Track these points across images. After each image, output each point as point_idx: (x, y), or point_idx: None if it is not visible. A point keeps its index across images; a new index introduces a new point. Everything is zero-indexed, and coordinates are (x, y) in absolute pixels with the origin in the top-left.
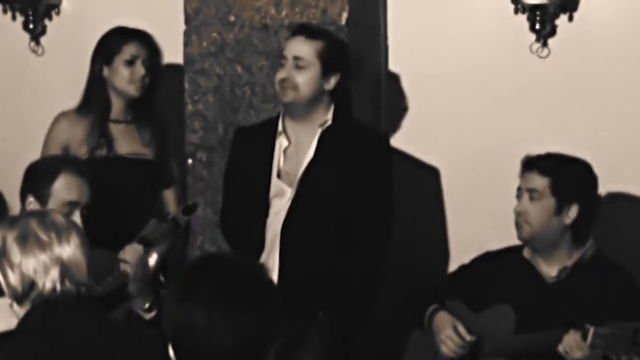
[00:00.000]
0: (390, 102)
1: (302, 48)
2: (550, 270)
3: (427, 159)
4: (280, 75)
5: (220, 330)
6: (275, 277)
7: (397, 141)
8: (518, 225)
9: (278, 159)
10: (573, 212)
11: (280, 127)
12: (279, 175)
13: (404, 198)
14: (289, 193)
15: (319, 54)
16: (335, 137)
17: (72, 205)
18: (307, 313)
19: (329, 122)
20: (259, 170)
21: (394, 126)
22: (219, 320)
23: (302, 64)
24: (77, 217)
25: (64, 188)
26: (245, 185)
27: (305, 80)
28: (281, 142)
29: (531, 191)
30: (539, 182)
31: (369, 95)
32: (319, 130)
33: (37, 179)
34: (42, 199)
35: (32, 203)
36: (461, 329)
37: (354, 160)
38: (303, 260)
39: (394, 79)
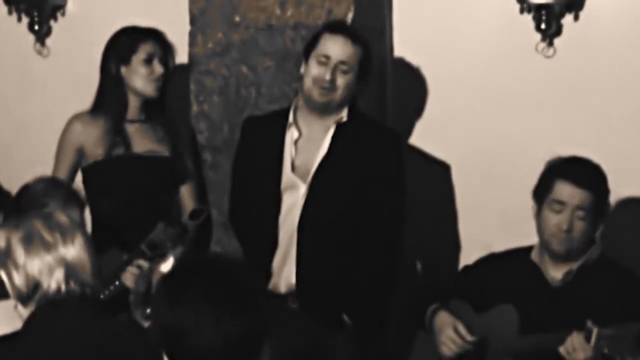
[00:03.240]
0: (396, 102)
1: (348, 52)
2: (556, 273)
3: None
4: (326, 76)
5: (209, 331)
6: (293, 277)
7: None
8: (558, 239)
9: (290, 151)
10: (602, 226)
11: (291, 119)
12: (293, 168)
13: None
14: (302, 188)
15: (360, 59)
16: (349, 133)
17: None
18: (332, 318)
19: (344, 119)
20: (268, 161)
21: (400, 126)
22: (207, 322)
23: (345, 69)
24: None
25: None
26: (255, 177)
27: (345, 84)
28: (292, 134)
29: (579, 209)
30: (588, 200)
31: (375, 95)
32: (333, 126)
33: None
34: None
35: None
36: (462, 329)
37: (368, 157)
38: (321, 260)
39: (400, 79)
